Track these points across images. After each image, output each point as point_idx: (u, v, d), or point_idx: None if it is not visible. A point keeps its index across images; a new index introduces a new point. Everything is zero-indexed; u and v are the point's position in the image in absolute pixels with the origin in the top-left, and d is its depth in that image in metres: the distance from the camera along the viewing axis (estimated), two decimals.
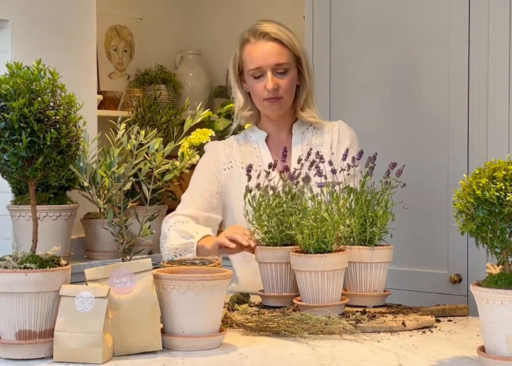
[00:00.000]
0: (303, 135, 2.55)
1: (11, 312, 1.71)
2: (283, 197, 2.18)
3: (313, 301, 2.03)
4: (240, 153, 2.56)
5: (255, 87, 2.47)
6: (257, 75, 2.46)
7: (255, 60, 2.45)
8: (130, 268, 1.78)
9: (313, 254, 2.02)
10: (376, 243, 2.17)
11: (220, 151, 2.57)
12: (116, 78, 4.46)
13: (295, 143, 2.53)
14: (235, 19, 4.63)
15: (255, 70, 2.45)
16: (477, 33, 2.91)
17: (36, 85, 1.76)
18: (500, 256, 1.64)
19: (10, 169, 1.76)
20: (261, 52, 2.45)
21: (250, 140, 2.58)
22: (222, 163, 2.54)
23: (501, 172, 1.59)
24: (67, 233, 3.14)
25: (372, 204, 2.17)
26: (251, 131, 2.60)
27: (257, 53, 2.45)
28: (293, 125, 2.56)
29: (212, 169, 2.54)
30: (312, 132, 2.55)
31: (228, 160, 2.55)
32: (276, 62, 2.44)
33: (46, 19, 3.38)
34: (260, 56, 2.45)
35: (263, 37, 2.45)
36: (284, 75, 2.45)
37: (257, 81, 2.46)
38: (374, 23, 3.17)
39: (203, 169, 2.56)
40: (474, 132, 2.93)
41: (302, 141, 2.54)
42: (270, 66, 2.44)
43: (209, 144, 2.67)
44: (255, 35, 2.46)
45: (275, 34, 2.45)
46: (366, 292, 2.16)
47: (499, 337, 1.59)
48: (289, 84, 2.47)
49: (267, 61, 2.44)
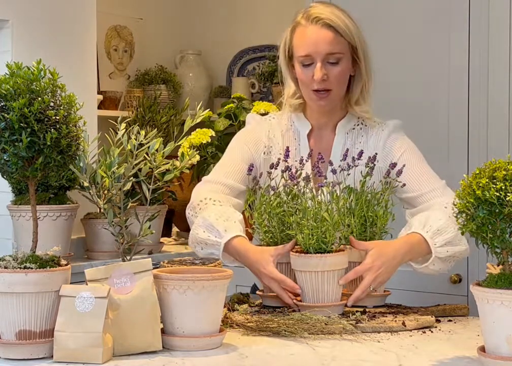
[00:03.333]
0: (347, 136, 2.38)
1: (11, 312, 1.71)
2: (283, 197, 2.17)
3: (313, 301, 2.04)
4: (282, 140, 2.40)
5: (303, 75, 2.30)
6: (306, 63, 2.28)
7: (305, 46, 2.27)
8: (130, 268, 1.78)
9: (313, 254, 2.02)
10: None
11: (263, 132, 2.41)
12: (116, 78, 4.46)
13: (336, 145, 2.37)
14: (235, 19, 4.63)
15: (304, 57, 2.28)
16: (477, 33, 2.91)
17: (36, 85, 1.76)
18: (500, 256, 1.64)
19: (10, 169, 1.76)
20: (313, 39, 2.26)
21: (292, 127, 2.42)
22: (263, 145, 2.39)
23: (501, 172, 1.59)
24: (67, 233, 3.14)
25: (372, 204, 2.17)
26: (297, 118, 2.42)
27: (308, 40, 2.27)
28: (339, 124, 2.38)
29: (251, 148, 2.39)
30: (358, 134, 2.38)
31: (270, 144, 2.39)
32: (327, 51, 2.25)
33: (46, 19, 3.38)
34: (311, 43, 2.26)
35: (317, 22, 2.26)
36: (335, 65, 2.27)
37: (305, 69, 2.28)
38: (373, 22, 3.16)
39: (241, 144, 2.40)
40: (474, 132, 2.93)
41: (344, 143, 2.37)
42: (321, 55, 2.26)
43: (253, 117, 2.49)
44: (308, 19, 2.27)
45: (329, 20, 2.26)
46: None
47: (499, 337, 1.60)
48: (340, 75, 2.29)
49: (318, 49, 2.25)
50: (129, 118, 2.94)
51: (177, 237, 4.13)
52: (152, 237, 2.59)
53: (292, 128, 2.42)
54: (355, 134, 2.39)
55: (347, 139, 2.38)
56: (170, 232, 4.10)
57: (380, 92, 3.16)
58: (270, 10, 4.44)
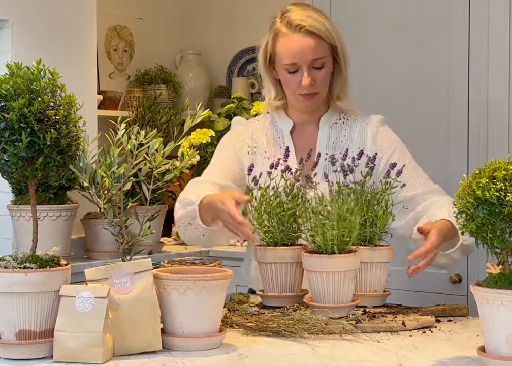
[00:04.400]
0: (330, 130, 2.42)
1: (11, 312, 1.71)
2: (284, 197, 2.17)
3: (331, 302, 2.01)
4: (266, 140, 2.44)
5: (289, 80, 2.34)
6: (292, 70, 2.32)
7: (290, 55, 2.31)
8: (130, 268, 1.78)
9: (325, 255, 2.00)
10: (376, 243, 2.16)
11: (246, 133, 2.45)
12: (116, 78, 4.46)
13: (321, 139, 2.41)
14: (235, 19, 4.63)
15: (290, 65, 2.31)
16: (477, 32, 2.91)
17: (36, 85, 1.76)
18: (500, 256, 1.64)
19: (10, 169, 1.76)
20: (298, 48, 2.30)
21: (276, 126, 2.45)
22: (247, 146, 2.43)
23: (501, 172, 1.59)
24: (67, 233, 3.14)
25: (372, 204, 2.17)
26: (278, 116, 2.46)
27: (293, 49, 2.30)
28: (322, 118, 2.43)
29: (235, 150, 2.43)
30: (341, 127, 2.42)
31: (254, 144, 2.44)
32: (312, 58, 2.30)
33: (46, 19, 3.38)
34: (296, 51, 2.30)
35: (299, 30, 2.29)
36: (320, 69, 2.32)
37: (291, 75, 2.32)
38: (374, 23, 3.17)
39: (227, 148, 2.45)
40: (474, 132, 2.93)
41: (329, 137, 2.41)
42: (307, 63, 2.30)
43: (237, 121, 2.54)
44: (290, 27, 2.31)
45: (311, 27, 2.29)
46: (366, 292, 2.16)
47: (499, 337, 1.59)
48: (325, 77, 2.34)
49: (304, 57, 2.29)
50: (129, 118, 2.94)
51: (177, 237, 4.12)
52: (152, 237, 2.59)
53: (276, 126, 2.46)
54: (338, 128, 2.43)
55: (331, 132, 2.42)
56: (170, 232, 4.10)
57: (380, 91, 3.17)
58: (270, 10, 4.43)
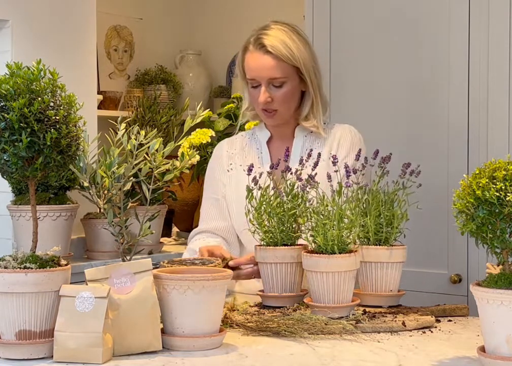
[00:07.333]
0: (305, 138, 2.50)
1: (11, 312, 1.71)
2: (283, 197, 2.17)
3: (331, 302, 2.01)
4: (242, 154, 2.54)
5: (251, 95, 2.45)
6: (254, 85, 2.42)
7: (250, 71, 2.41)
8: (130, 268, 1.78)
9: (324, 255, 2.00)
10: (392, 243, 2.17)
11: (224, 153, 2.57)
12: (116, 78, 4.46)
13: (296, 146, 2.49)
14: (235, 19, 4.63)
15: (251, 80, 2.42)
16: (477, 32, 2.91)
17: (36, 85, 1.76)
18: (500, 256, 1.64)
19: (10, 169, 1.76)
20: (256, 65, 2.40)
21: (256, 138, 2.56)
22: (226, 165, 2.54)
23: (501, 172, 1.59)
24: (67, 233, 3.14)
25: (387, 203, 2.17)
26: (259, 128, 2.57)
27: (252, 65, 2.41)
28: (296, 129, 2.50)
29: (216, 175, 2.55)
30: (316, 136, 2.49)
31: (229, 162, 2.54)
32: (269, 76, 2.38)
33: (46, 19, 3.38)
34: (254, 68, 2.40)
35: (260, 48, 2.39)
36: (279, 88, 2.40)
37: (254, 90, 2.43)
38: (374, 23, 3.17)
39: (210, 177, 2.58)
40: (474, 132, 2.93)
41: (303, 144, 2.49)
42: (264, 80, 2.39)
43: (216, 146, 2.65)
44: (255, 44, 2.41)
45: (271, 47, 2.37)
46: (382, 292, 2.16)
47: (499, 337, 1.60)
48: (284, 96, 2.40)
49: (261, 74, 2.39)
50: (129, 118, 2.94)
51: (177, 237, 4.13)
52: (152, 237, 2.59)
53: (255, 139, 2.56)
54: (313, 137, 2.50)
55: (305, 141, 2.50)
56: (170, 232, 4.10)
57: (380, 91, 3.17)
58: (270, 10, 4.43)
